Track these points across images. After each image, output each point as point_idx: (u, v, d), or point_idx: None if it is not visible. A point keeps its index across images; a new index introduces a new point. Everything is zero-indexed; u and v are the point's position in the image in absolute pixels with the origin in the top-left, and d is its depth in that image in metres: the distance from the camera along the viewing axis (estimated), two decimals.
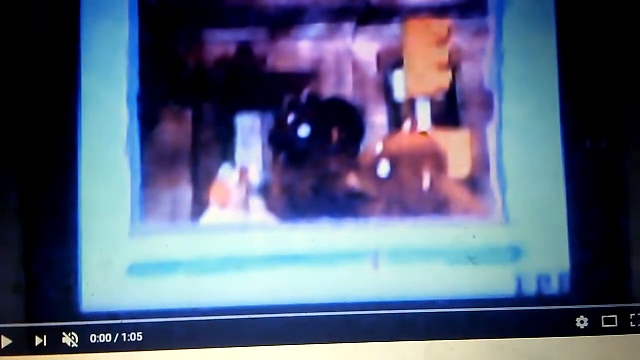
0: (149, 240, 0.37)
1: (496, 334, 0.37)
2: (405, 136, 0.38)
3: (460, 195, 0.38)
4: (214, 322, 0.37)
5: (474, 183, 0.38)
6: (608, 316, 0.37)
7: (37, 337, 0.37)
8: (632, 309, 0.38)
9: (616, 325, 0.38)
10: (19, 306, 0.37)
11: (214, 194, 0.38)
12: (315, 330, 0.37)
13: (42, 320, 0.37)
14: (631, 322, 0.37)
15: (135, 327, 0.37)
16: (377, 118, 0.38)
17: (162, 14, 0.39)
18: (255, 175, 0.38)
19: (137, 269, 0.37)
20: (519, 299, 0.37)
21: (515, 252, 0.38)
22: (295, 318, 0.37)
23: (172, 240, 0.37)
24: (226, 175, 0.38)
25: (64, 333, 0.37)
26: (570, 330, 0.37)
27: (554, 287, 0.37)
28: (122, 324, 0.37)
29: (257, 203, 0.38)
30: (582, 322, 0.37)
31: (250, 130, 0.38)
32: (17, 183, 0.37)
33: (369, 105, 0.38)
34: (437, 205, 0.38)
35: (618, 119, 0.38)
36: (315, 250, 0.37)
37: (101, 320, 0.37)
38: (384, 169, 0.38)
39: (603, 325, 0.37)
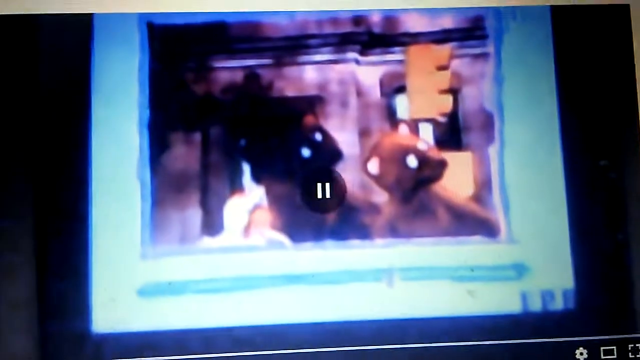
0: (160, 262, 0.38)
1: None
2: (411, 158, 0.39)
3: (465, 214, 0.39)
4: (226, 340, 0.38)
5: (478, 203, 0.39)
6: (607, 348, 0.38)
7: None
8: (631, 340, 0.38)
9: (615, 356, 0.38)
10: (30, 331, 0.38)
11: (223, 216, 0.39)
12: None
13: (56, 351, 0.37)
14: (630, 353, 0.38)
15: None
16: (382, 141, 0.39)
17: (171, 43, 0.40)
18: (263, 197, 0.39)
19: (148, 291, 0.38)
20: (525, 314, 0.38)
21: (520, 270, 0.38)
22: (307, 337, 0.38)
23: (182, 262, 0.38)
24: (234, 197, 0.39)
25: None
26: None
27: (558, 304, 0.38)
28: None
29: (264, 224, 0.39)
30: (581, 354, 0.38)
31: (258, 153, 0.39)
32: (32, 204, 0.38)
33: (372, 129, 0.39)
34: (443, 224, 0.39)
35: (617, 138, 0.39)
36: (324, 269, 0.38)
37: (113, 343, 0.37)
38: (389, 189, 0.39)
39: (602, 357, 0.38)
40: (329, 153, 0.39)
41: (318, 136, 0.39)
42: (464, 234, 0.39)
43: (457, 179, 0.39)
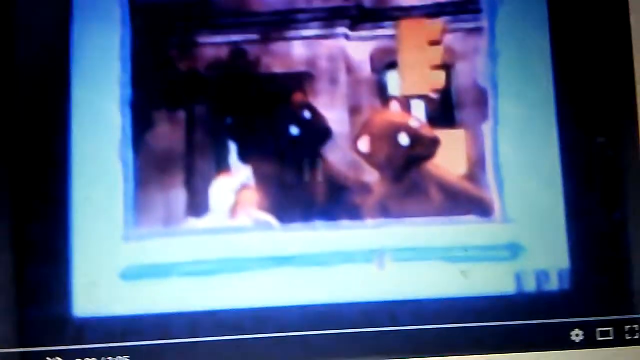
0: (143, 244, 0.37)
1: (490, 348, 0.37)
2: (402, 135, 0.38)
3: (458, 193, 0.38)
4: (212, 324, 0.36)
5: (471, 182, 0.38)
6: (603, 329, 0.37)
7: None
8: (627, 321, 0.37)
9: (612, 337, 0.37)
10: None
11: (208, 196, 0.37)
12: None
13: (37, 333, 0.36)
14: (626, 334, 0.37)
15: (122, 351, 0.36)
16: (372, 118, 0.38)
17: (154, 18, 0.38)
18: (250, 177, 0.38)
19: (131, 273, 0.37)
20: (519, 295, 0.37)
21: (515, 250, 0.37)
22: (295, 320, 0.37)
23: (166, 244, 0.37)
24: (220, 177, 0.38)
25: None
26: (566, 343, 0.37)
27: (553, 284, 0.37)
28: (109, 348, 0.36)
29: (252, 204, 0.38)
30: (577, 335, 0.37)
31: (245, 131, 0.38)
32: (10, 187, 0.37)
33: (362, 106, 0.38)
34: (435, 204, 0.38)
35: (613, 115, 0.38)
36: (313, 251, 0.37)
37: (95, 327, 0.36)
38: (379, 168, 0.38)
39: (598, 338, 0.37)
40: (318, 131, 0.38)
41: (307, 114, 0.38)
42: (457, 213, 0.38)
43: (450, 156, 0.38)
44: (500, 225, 0.38)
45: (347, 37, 0.39)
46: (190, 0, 0.39)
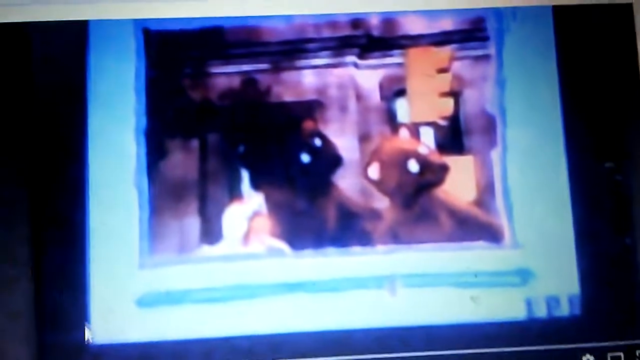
0: (158, 271, 0.38)
1: None
2: (412, 162, 0.39)
3: (467, 219, 0.38)
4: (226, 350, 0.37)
5: (481, 208, 0.38)
6: (614, 354, 0.37)
7: None
8: (638, 346, 0.37)
9: None
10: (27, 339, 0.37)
11: (222, 224, 0.38)
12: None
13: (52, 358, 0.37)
14: (637, 359, 0.37)
15: None
16: (382, 145, 0.39)
17: (168, 49, 0.39)
18: (262, 204, 0.38)
19: (147, 300, 0.37)
20: (530, 321, 0.37)
21: (525, 276, 0.38)
22: (309, 346, 0.37)
23: (181, 271, 0.38)
24: (233, 205, 0.38)
25: None
26: None
27: (564, 310, 0.37)
28: None
29: (264, 232, 0.38)
30: None
31: (257, 159, 0.39)
32: (28, 214, 0.38)
33: (372, 133, 0.39)
34: (445, 230, 0.38)
35: (621, 140, 0.38)
36: (325, 277, 0.38)
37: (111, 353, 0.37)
38: (390, 195, 0.38)
39: None
40: (329, 159, 0.39)
41: (317, 141, 0.39)
42: (467, 239, 0.38)
43: (459, 183, 0.38)
44: (510, 251, 0.38)
45: (356, 65, 0.39)
46: (202, 31, 0.39)
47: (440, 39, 0.39)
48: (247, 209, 0.38)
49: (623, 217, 0.38)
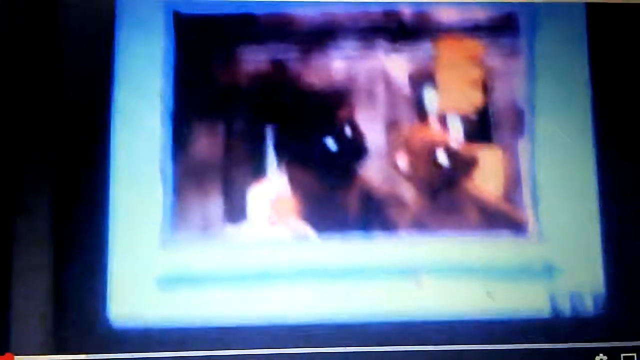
0: (180, 251, 0.37)
1: None
2: (440, 154, 0.39)
3: (493, 212, 0.38)
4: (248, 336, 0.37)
5: (508, 200, 0.38)
6: (627, 354, 0.37)
7: None
8: None
9: None
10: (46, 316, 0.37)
11: (246, 207, 0.38)
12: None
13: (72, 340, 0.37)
14: None
15: None
16: (410, 133, 0.39)
17: (197, 31, 0.39)
18: (287, 189, 0.38)
19: (168, 281, 0.37)
20: (554, 317, 0.37)
21: (549, 271, 0.37)
22: (335, 333, 0.37)
23: (203, 253, 0.37)
24: (257, 188, 0.38)
25: None
26: None
27: (588, 307, 0.37)
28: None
29: (290, 216, 0.38)
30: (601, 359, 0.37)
31: (282, 145, 0.38)
32: (52, 193, 0.37)
33: (400, 123, 0.39)
34: (471, 221, 0.38)
35: None
36: (351, 264, 0.37)
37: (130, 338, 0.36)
38: (416, 183, 0.38)
39: None
40: (356, 148, 0.38)
41: (348, 131, 0.39)
42: (493, 231, 0.38)
43: (487, 175, 0.38)
44: (536, 245, 0.37)
45: (387, 54, 0.39)
46: (233, 17, 0.39)
47: (472, 31, 0.39)
48: (271, 190, 0.38)
49: None
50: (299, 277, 0.37)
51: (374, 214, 0.38)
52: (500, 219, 0.38)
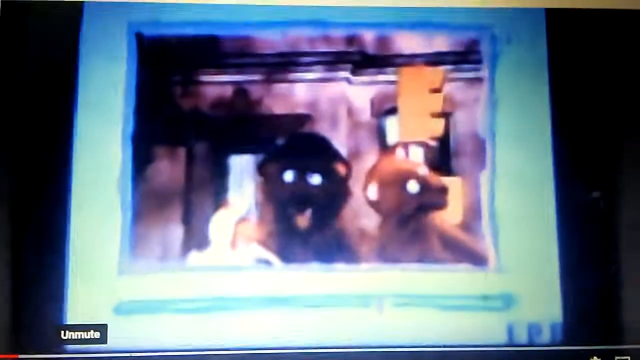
0: (138, 278, 0.37)
1: None
2: (402, 179, 0.39)
3: (453, 242, 0.38)
4: None
5: (467, 230, 0.38)
6: (622, 358, 0.37)
7: None
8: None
9: None
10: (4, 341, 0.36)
11: (207, 233, 0.38)
12: None
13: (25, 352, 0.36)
14: None
15: None
16: (370, 162, 0.39)
17: (160, 55, 0.39)
18: (248, 216, 0.38)
19: (125, 308, 0.37)
20: (511, 346, 0.37)
21: (508, 301, 0.37)
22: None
23: (162, 279, 0.37)
24: (218, 215, 0.38)
25: None
26: None
27: (545, 337, 0.37)
28: None
29: (249, 244, 0.38)
30: None
31: (243, 171, 0.38)
32: (9, 215, 0.37)
33: (361, 150, 0.39)
34: (432, 252, 0.38)
35: (610, 168, 0.38)
36: (310, 292, 0.37)
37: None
38: (374, 215, 0.38)
39: None
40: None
41: None
42: (453, 262, 0.38)
43: (448, 205, 0.38)
44: (495, 275, 0.38)
45: (349, 81, 0.39)
46: (196, 39, 0.39)
47: (434, 59, 0.39)
48: (232, 217, 0.38)
49: (608, 247, 0.38)
50: (260, 305, 0.37)
51: (335, 243, 0.38)
52: (460, 249, 0.38)
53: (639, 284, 0.38)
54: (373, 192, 0.38)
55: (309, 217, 0.38)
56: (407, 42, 0.39)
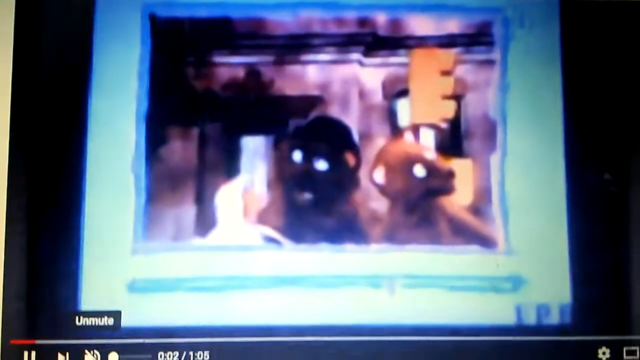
0: (151, 258, 0.38)
1: None
2: (409, 163, 0.39)
3: (463, 224, 0.38)
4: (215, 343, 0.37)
5: (477, 212, 0.38)
6: (630, 348, 0.38)
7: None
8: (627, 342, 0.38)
9: None
10: (20, 321, 0.37)
11: (218, 213, 0.38)
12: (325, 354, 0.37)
13: (41, 336, 0.37)
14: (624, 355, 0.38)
15: (129, 348, 0.37)
16: (381, 143, 0.39)
17: (173, 37, 0.39)
18: (259, 196, 0.38)
19: (138, 286, 0.37)
20: (519, 329, 0.37)
21: (517, 283, 0.38)
22: (304, 342, 0.37)
23: (174, 259, 0.38)
24: (230, 195, 0.38)
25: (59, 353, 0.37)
26: None
27: (554, 318, 0.37)
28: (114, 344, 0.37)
29: (260, 224, 0.38)
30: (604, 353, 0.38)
31: (255, 152, 0.39)
32: (25, 198, 0.38)
33: (373, 132, 0.39)
34: (441, 234, 0.38)
35: (621, 152, 0.39)
36: (320, 272, 0.38)
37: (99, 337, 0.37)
38: (386, 194, 0.39)
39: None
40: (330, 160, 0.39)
41: None
42: (462, 243, 0.38)
43: (457, 187, 0.38)
44: (504, 257, 0.38)
45: (360, 63, 0.39)
46: (209, 21, 0.39)
47: (446, 42, 0.39)
48: (244, 197, 0.38)
49: (618, 230, 0.38)
50: (271, 284, 0.38)
51: (345, 225, 0.38)
52: (470, 231, 0.38)
53: None
54: (380, 175, 0.38)
55: (317, 199, 0.38)
56: (419, 24, 0.39)
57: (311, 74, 0.39)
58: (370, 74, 0.39)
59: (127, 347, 0.37)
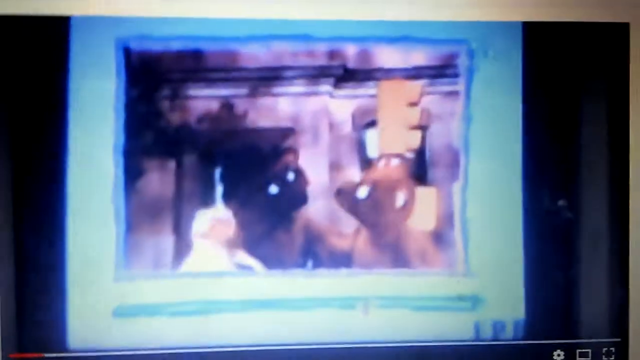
0: (133, 285, 0.40)
1: None
2: (376, 192, 0.41)
3: (426, 248, 0.41)
4: None
5: (439, 237, 0.41)
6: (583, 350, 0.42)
7: None
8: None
9: None
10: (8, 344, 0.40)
11: (195, 242, 0.40)
12: None
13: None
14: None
15: None
16: (351, 174, 0.41)
17: (148, 70, 0.40)
18: (235, 225, 0.40)
19: (122, 312, 0.40)
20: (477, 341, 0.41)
21: (475, 302, 0.41)
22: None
23: (154, 286, 0.40)
24: (207, 224, 0.40)
25: None
26: None
27: (508, 333, 0.41)
28: None
29: (236, 251, 0.40)
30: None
31: (230, 182, 0.40)
32: (11, 227, 0.39)
33: (343, 162, 0.41)
34: (405, 257, 0.41)
35: (576, 180, 0.41)
36: (294, 296, 0.40)
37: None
38: (352, 222, 0.41)
39: None
40: (300, 190, 0.41)
41: (291, 175, 0.41)
42: (425, 266, 0.41)
43: (422, 213, 0.41)
44: (464, 279, 0.41)
45: (330, 95, 0.41)
46: (182, 54, 0.40)
47: (413, 74, 0.41)
48: (220, 226, 0.40)
49: (570, 251, 0.41)
50: (245, 307, 0.40)
51: (315, 250, 0.41)
52: (432, 255, 0.41)
53: (597, 285, 0.41)
54: (350, 200, 0.41)
55: (291, 225, 0.41)
56: (387, 56, 0.41)
57: (283, 105, 0.41)
58: (340, 105, 0.41)
59: None
